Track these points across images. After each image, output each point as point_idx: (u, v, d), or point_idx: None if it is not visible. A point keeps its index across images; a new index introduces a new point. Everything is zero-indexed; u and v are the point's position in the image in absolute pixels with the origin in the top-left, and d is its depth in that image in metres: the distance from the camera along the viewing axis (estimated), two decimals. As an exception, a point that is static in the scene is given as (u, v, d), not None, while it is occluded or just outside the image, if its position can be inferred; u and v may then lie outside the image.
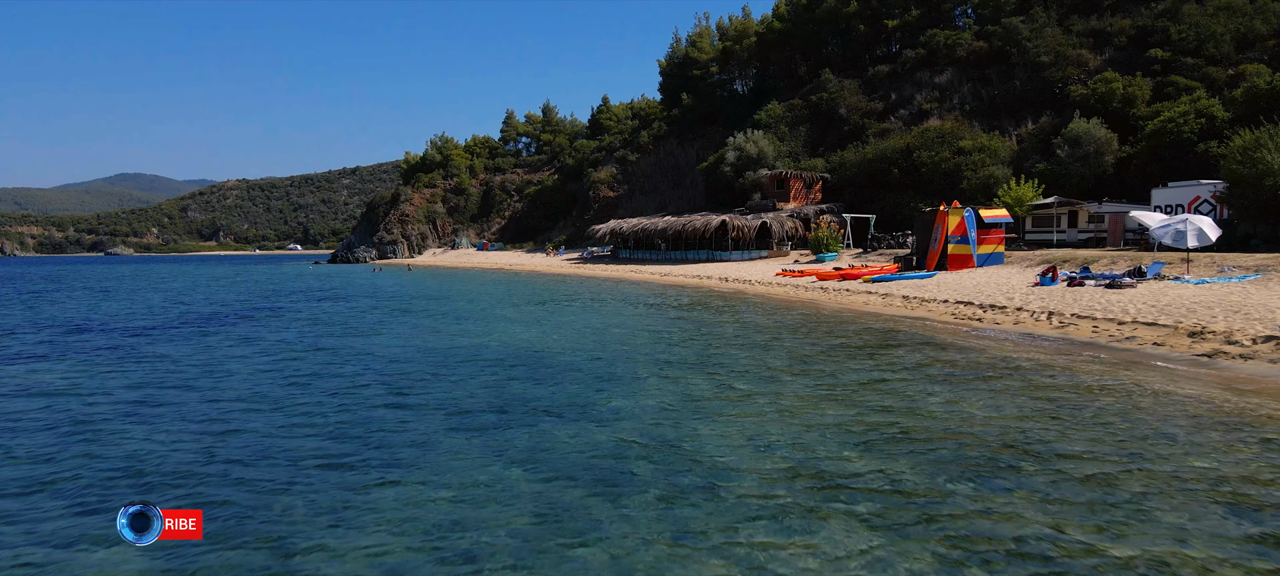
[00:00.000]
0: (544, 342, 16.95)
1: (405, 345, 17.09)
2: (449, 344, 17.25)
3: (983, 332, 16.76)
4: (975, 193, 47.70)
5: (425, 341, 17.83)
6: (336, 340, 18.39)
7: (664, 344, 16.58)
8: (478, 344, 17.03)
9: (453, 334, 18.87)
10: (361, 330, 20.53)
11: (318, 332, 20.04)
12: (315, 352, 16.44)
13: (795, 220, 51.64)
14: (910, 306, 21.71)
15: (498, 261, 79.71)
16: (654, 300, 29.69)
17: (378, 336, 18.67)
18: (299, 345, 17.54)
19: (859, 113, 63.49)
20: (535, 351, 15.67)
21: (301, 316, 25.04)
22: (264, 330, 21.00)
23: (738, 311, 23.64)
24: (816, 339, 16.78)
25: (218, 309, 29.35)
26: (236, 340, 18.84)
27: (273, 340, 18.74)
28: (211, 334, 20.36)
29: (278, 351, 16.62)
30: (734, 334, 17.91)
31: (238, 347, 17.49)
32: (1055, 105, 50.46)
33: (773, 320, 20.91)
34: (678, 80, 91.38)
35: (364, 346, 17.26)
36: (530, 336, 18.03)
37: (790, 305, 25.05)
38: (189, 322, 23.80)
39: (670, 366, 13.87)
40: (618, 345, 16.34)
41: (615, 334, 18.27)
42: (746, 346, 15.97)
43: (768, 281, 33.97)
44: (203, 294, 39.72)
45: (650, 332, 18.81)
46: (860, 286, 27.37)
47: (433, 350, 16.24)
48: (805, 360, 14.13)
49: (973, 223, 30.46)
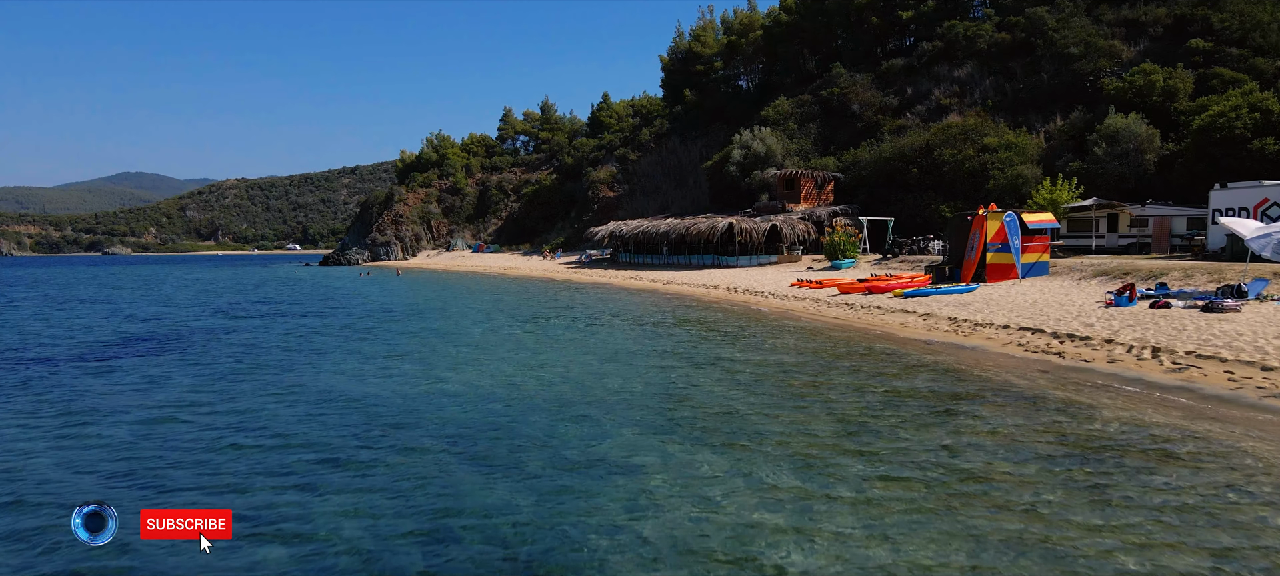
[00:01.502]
0: (517, 391, 13.34)
1: (331, 395, 13.42)
2: (393, 392, 13.69)
3: (1075, 375, 13.19)
4: (1003, 193, 44.14)
5: (365, 387, 14.25)
6: (247, 383, 14.76)
7: (671, 395, 13.01)
8: (431, 393, 13.44)
9: (405, 376, 15.24)
10: (293, 365, 16.94)
11: (238, 369, 16.40)
12: (204, 406, 12.88)
13: (807, 223, 48.10)
14: (961, 332, 18.13)
15: (492, 264, 76.21)
16: (657, 318, 26.14)
17: (304, 380, 14.99)
18: (191, 395, 13.83)
19: (873, 108, 59.90)
20: (501, 411, 12.08)
21: (237, 341, 21.42)
22: (175, 364, 17.38)
23: (755, 337, 20.08)
24: (862, 384, 13.24)
25: (153, 327, 25.81)
26: (128, 383, 15.25)
27: (173, 381, 15.15)
28: (108, 371, 16.78)
29: (152, 405, 13.00)
30: (754, 376, 14.37)
31: (111, 395, 13.91)
32: (1087, 100, 46.87)
33: (799, 350, 17.37)
34: (681, 76, 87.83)
35: (278, 397, 13.68)
36: (502, 381, 14.43)
37: (816, 327, 21.50)
38: (98, 349, 20.24)
39: (680, 436, 10.35)
40: (612, 397, 12.76)
41: (610, 377, 14.67)
42: (776, 399, 12.43)
43: (782, 293, 30.42)
44: (156, 305, 36.18)
45: (653, 372, 15.25)
46: (892, 302, 23.82)
47: (366, 405, 12.64)
48: (861, 427, 10.58)
49: (1016, 228, 26.90)
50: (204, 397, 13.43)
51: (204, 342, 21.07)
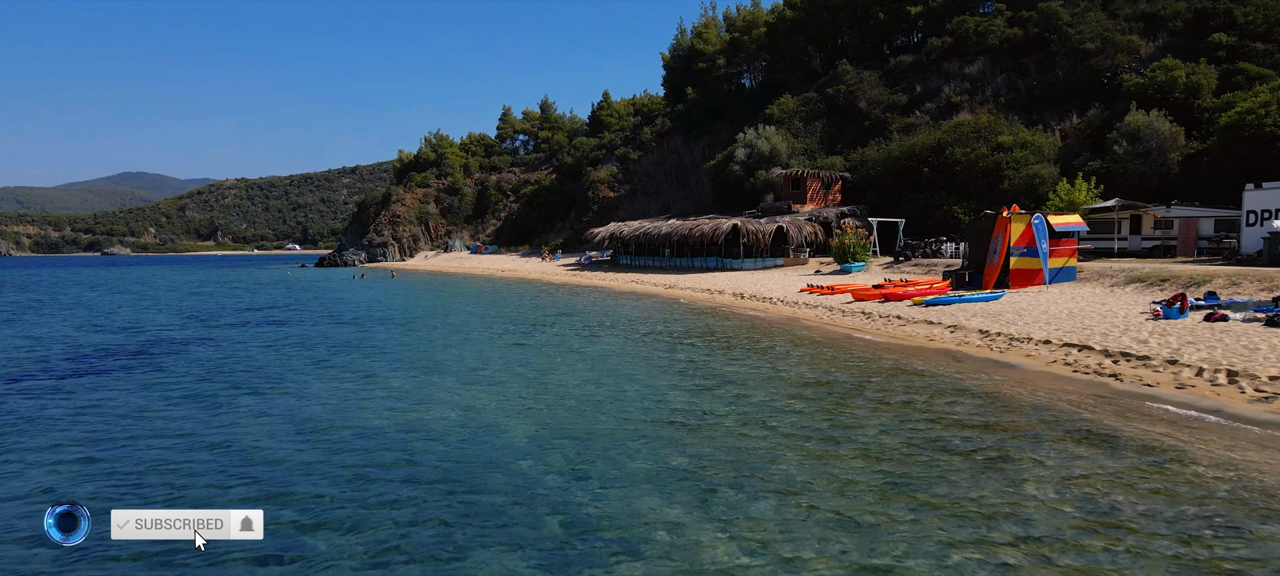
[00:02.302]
0: (502, 428, 11.61)
1: (289, 430, 11.68)
2: (362, 425, 12.02)
3: (1140, 404, 11.52)
4: (1018, 194, 42.44)
5: (330, 417, 12.59)
6: (196, 411, 13.05)
7: (680, 428, 11.31)
8: (406, 428, 11.72)
9: (378, 404, 13.49)
10: (257, 385, 15.25)
11: (192, 392, 14.67)
12: (132, 439, 11.22)
13: (814, 224, 46.41)
14: (995, 347, 16.45)
15: (490, 266, 74.56)
16: (658, 327, 24.48)
17: (263, 408, 13.25)
18: (125, 424, 12.14)
19: (881, 106, 58.19)
20: (482, 454, 10.39)
21: (202, 356, 19.70)
22: (123, 384, 15.71)
23: (767, 352, 18.40)
24: (897, 415, 11.57)
25: (119, 339, 24.17)
26: (57, 408, 13.64)
27: (111, 406, 13.46)
28: (46, 393, 15.16)
29: (83, 440, 11.38)
30: (769, 399, 12.70)
31: (31, 423, 12.29)
32: (1104, 97, 45.17)
33: (818, 369, 15.69)
34: (682, 74, 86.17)
35: (225, 430, 12.04)
36: (488, 412, 12.70)
37: (831, 339, 19.83)
38: (47, 365, 18.60)
39: (692, 492, 8.69)
40: (609, 435, 11.04)
41: (608, 406, 12.97)
42: (799, 435, 10.75)
43: (792, 299, 28.75)
44: (134, 312, 34.52)
45: (658, 398, 13.58)
46: (911, 310, 22.14)
47: (328, 442, 10.98)
48: (905, 476, 8.90)
49: (1044, 231, 25.21)
50: (140, 426, 11.78)
51: (166, 357, 19.41)
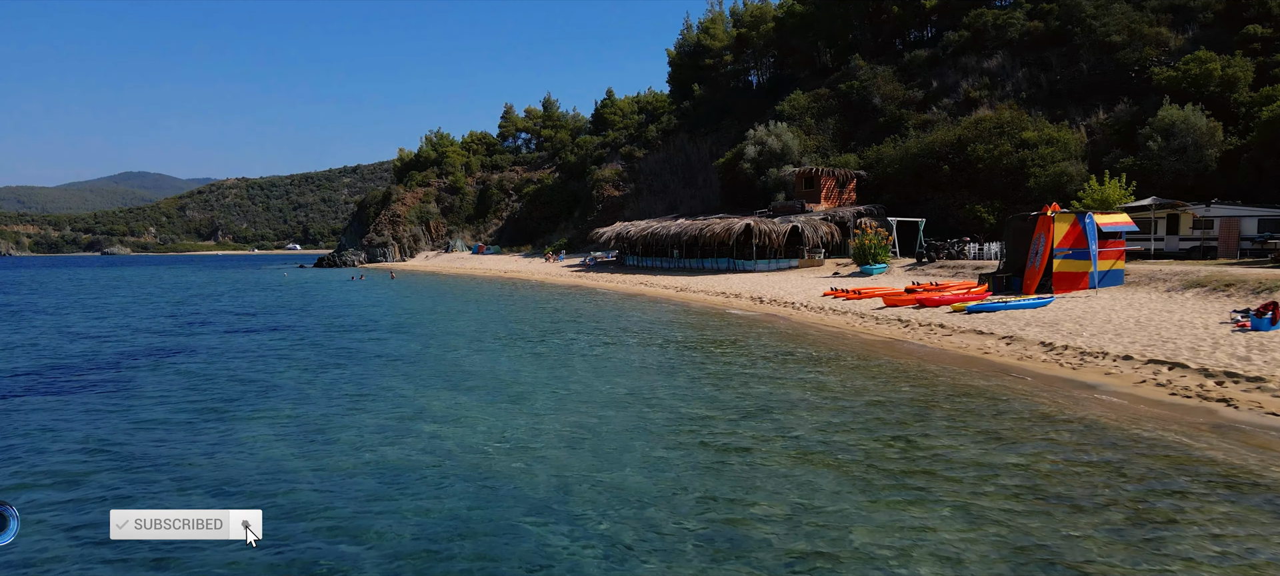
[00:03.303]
0: (504, 472, 9.64)
1: (259, 469, 9.96)
2: (343, 464, 10.22)
3: (1276, 440, 9.68)
4: (1045, 192, 40.59)
5: (307, 454, 10.80)
6: (156, 438, 11.30)
7: (722, 479, 9.46)
8: (394, 468, 9.93)
9: (365, 435, 11.62)
10: (230, 407, 13.41)
11: (153, 417, 12.91)
12: (71, 480, 9.44)
13: (830, 224, 44.56)
14: (1065, 363, 14.61)
15: (492, 267, 72.77)
16: (678, 335, 22.66)
17: (234, 435, 11.44)
18: (68, 461, 10.43)
19: (896, 102, 56.34)
20: (498, 494, 8.61)
21: (178, 369, 17.83)
22: (81, 406, 13.97)
23: (804, 368, 16.57)
24: (981, 453, 9.74)
25: (91, 349, 22.40)
26: (43, 427, 11.87)
27: (65, 434, 11.70)
28: (27, 411, 13.40)
29: (56, 472, 9.60)
30: (823, 439, 10.82)
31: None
32: (1133, 91, 43.31)
33: (868, 387, 13.87)
34: (689, 70, 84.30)
35: (189, 467, 10.26)
36: (485, 449, 10.77)
37: (871, 350, 18.01)
38: (31, 380, 16.85)
39: (758, 549, 6.88)
40: (632, 487, 9.18)
41: (630, 441, 11.11)
42: (868, 473, 8.93)
43: (816, 304, 26.93)
44: (116, 317, 32.72)
45: (688, 432, 11.74)
46: (954, 318, 20.32)
47: (300, 489, 9.20)
48: (1029, 545, 7.07)
49: (1093, 232, 23.38)
50: (120, 452, 10.00)
51: (137, 371, 17.61)
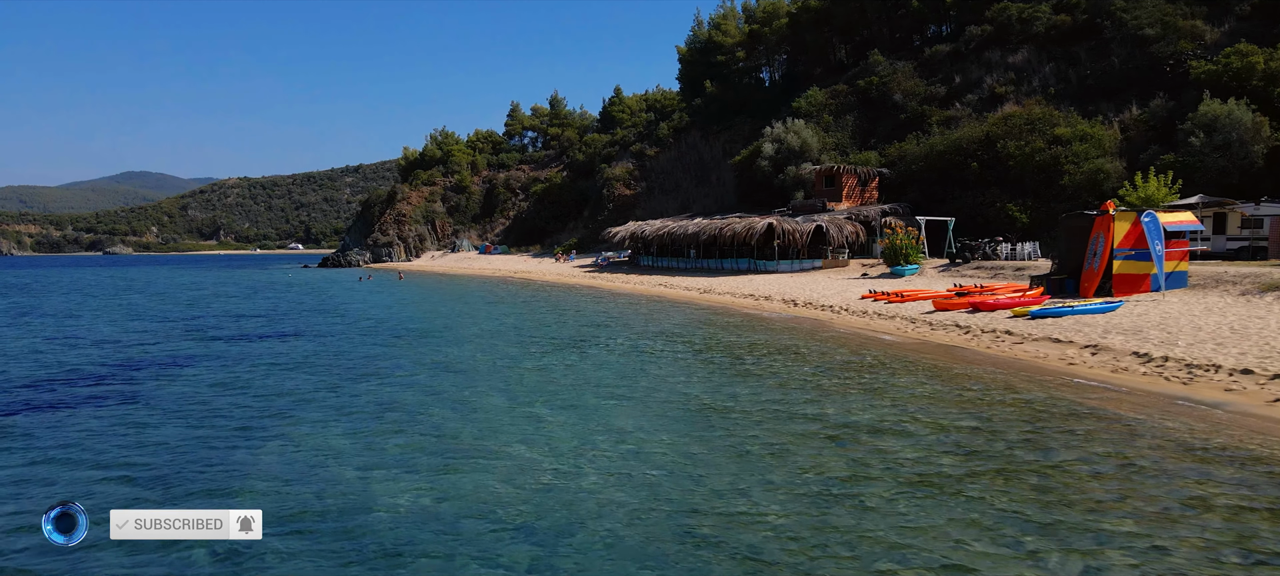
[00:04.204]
0: (551, 518, 8.38)
1: (279, 514, 8.63)
2: (374, 504, 8.85)
3: None
4: (1080, 190, 39.26)
5: (334, 492, 9.42)
6: (153, 477, 9.99)
7: (824, 500, 8.10)
8: (427, 513, 8.51)
9: (397, 470, 10.18)
10: (241, 437, 12.02)
11: (177, 445, 11.61)
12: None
13: (856, 223, 43.15)
14: (1167, 376, 13.19)
15: (501, 267, 71.41)
16: (719, 340, 21.26)
17: (246, 467, 10.16)
18: (111, 485, 9.09)
19: (917, 99, 54.92)
20: (556, 541, 7.23)
21: (187, 384, 16.52)
22: (79, 429, 12.61)
23: (870, 375, 15.19)
24: (1123, 484, 8.34)
25: (94, 358, 21.06)
26: (38, 455, 10.51)
27: (59, 464, 10.33)
28: (21, 437, 12.04)
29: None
30: (923, 460, 9.34)
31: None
32: (1168, 86, 41.90)
33: (954, 405, 12.45)
34: (700, 67, 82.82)
35: (233, 482, 8.88)
36: (529, 487, 9.46)
37: (936, 362, 16.61)
38: (24, 396, 15.50)
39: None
40: (736, 500, 7.84)
41: (703, 458, 9.75)
42: (1003, 535, 7.52)
43: (856, 308, 25.53)
44: (122, 320, 31.34)
45: (757, 442, 10.33)
46: (1018, 323, 18.91)
47: (322, 540, 7.81)
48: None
49: (1157, 231, 21.97)
50: (122, 484, 8.63)
51: (140, 389, 16.24)
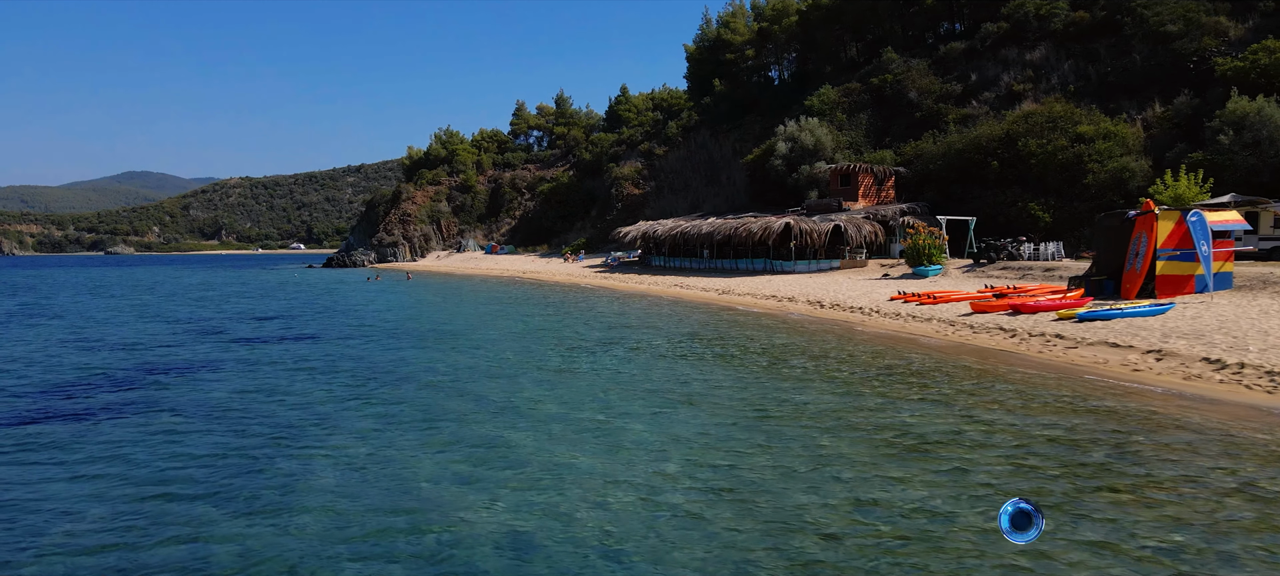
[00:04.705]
0: (655, 525, 7.75)
1: (318, 548, 7.92)
2: (434, 518, 8.15)
3: None
4: (1104, 188, 38.58)
5: (384, 499, 8.73)
6: (207, 479, 9.30)
7: (909, 540, 7.38)
8: (485, 547, 7.89)
9: (441, 493, 9.54)
10: (274, 452, 11.34)
11: (197, 452, 10.91)
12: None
13: (874, 223, 42.43)
14: (1251, 385, 12.42)
15: (508, 267, 70.70)
16: (755, 343, 20.55)
17: (271, 492, 9.45)
18: (123, 511, 8.40)
19: (932, 96, 54.21)
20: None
21: (216, 393, 15.84)
22: (101, 444, 11.92)
23: (924, 386, 14.48)
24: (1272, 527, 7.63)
25: (111, 363, 20.38)
26: (46, 469, 9.83)
27: (98, 480, 9.64)
28: (33, 451, 11.33)
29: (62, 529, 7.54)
30: (1006, 477, 8.75)
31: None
32: (1193, 83, 41.20)
33: (1031, 417, 11.73)
34: (708, 65, 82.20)
35: (255, 502, 8.18)
36: (624, 493, 8.83)
37: (999, 370, 15.90)
38: (36, 404, 14.81)
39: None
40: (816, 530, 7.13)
41: (771, 483, 9.04)
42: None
43: (886, 309, 24.83)
44: (137, 323, 30.66)
45: (830, 471, 9.62)
46: (1067, 327, 18.20)
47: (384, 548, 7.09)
48: None
49: (1203, 230, 21.27)
50: (140, 510, 7.94)
51: (170, 394, 15.56)
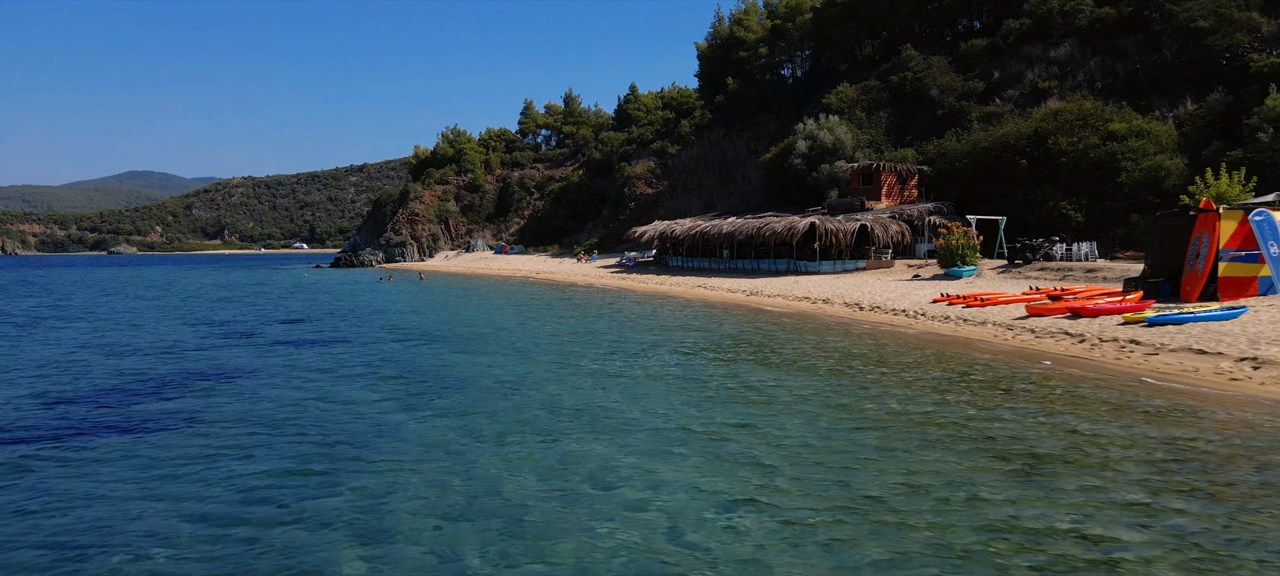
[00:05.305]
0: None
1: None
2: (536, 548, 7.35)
3: None
4: (1138, 188, 37.81)
5: (469, 514, 7.94)
6: (268, 495, 8.54)
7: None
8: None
9: (539, 511, 8.87)
10: (348, 452, 10.57)
11: (247, 449, 10.10)
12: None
13: (901, 223, 41.66)
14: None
15: (521, 267, 69.94)
16: (808, 345, 19.76)
17: (371, 497, 8.67)
18: (185, 524, 7.60)
19: (954, 94, 53.40)
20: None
21: (262, 398, 15.03)
22: (169, 446, 11.11)
23: (996, 394, 13.70)
24: None
25: (150, 362, 19.60)
26: (70, 476, 9.06)
27: (156, 483, 8.86)
28: (69, 451, 10.54)
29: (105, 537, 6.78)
30: (1165, 526, 7.91)
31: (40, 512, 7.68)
32: (1226, 79, 40.39)
33: (1146, 437, 10.97)
34: (721, 64, 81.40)
35: (334, 517, 7.42)
36: (727, 524, 8.05)
37: (1086, 377, 15.14)
38: (74, 408, 14.03)
39: None
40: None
41: (905, 503, 8.24)
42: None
43: (931, 312, 24.06)
44: (167, 324, 29.87)
45: (950, 489, 8.80)
46: (1138, 332, 17.43)
47: None
48: None
49: (1272, 230, 20.48)
50: (198, 525, 7.17)
51: (216, 403, 14.79)
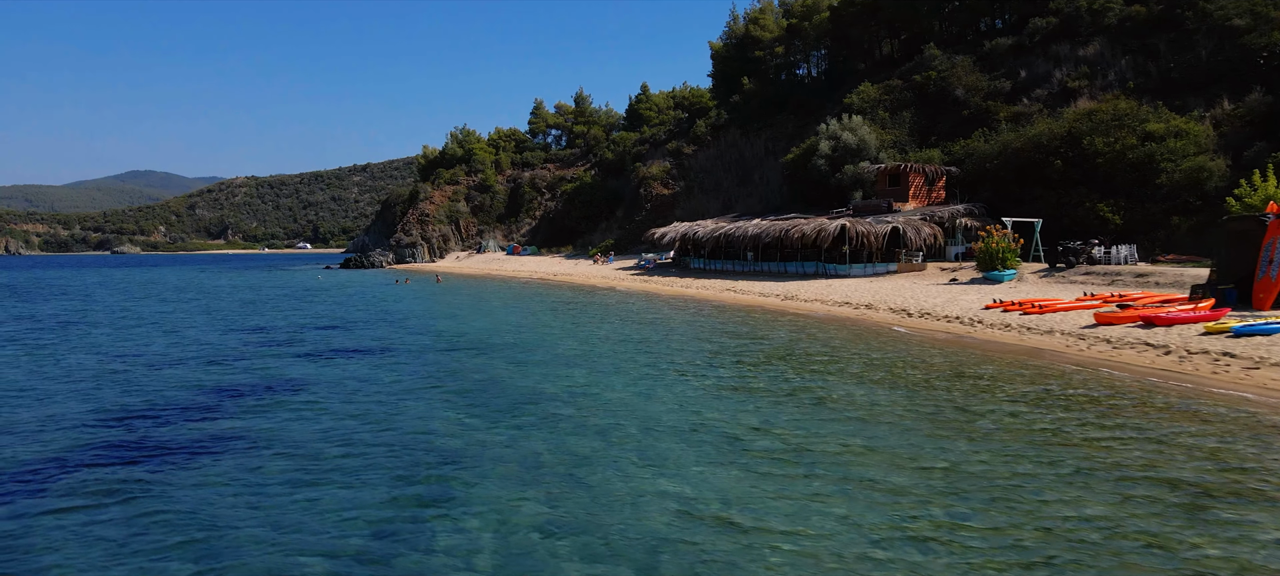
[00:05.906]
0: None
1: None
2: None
3: None
4: (1179, 189, 37.03)
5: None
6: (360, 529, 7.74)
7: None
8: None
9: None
10: (441, 478, 9.76)
11: (321, 474, 9.33)
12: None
13: (933, 225, 40.88)
14: None
15: (536, 269, 69.17)
16: (874, 356, 18.98)
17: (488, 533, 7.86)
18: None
19: (980, 94, 52.62)
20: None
21: (309, 427, 14.09)
22: (222, 465, 10.33)
23: (1125, 418, 12.89)
24: None
25: (187, 374, 18.84)
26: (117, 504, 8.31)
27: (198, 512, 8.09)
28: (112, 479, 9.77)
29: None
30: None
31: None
32: (1264, 78, 39.64)
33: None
34: (736, 63, 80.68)
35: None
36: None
37: (1172, 392, 14.37)
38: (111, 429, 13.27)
39: None
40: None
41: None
42: None
43: (988, 319, 23.29)
44: (191, 329, 29.13)
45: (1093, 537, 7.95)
46: (1231, 343, 16.66)
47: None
48: None
49: (1351, 237, 19.73)
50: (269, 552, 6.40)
51: (266, 423, 14.06)
